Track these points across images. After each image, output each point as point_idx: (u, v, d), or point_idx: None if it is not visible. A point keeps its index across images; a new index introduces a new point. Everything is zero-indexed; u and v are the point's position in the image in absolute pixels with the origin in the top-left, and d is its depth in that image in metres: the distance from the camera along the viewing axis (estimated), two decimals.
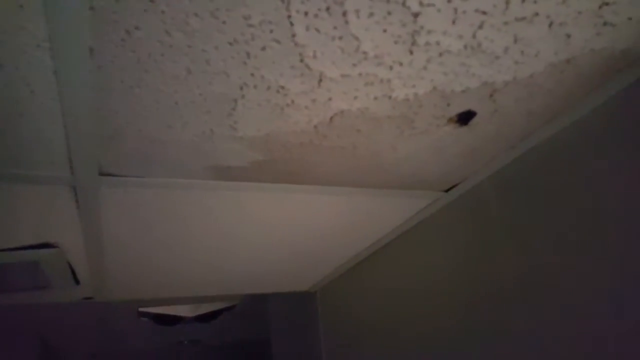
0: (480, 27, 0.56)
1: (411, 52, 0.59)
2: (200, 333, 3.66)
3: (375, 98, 0.66)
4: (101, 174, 0.90)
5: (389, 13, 0.52)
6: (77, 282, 1.38)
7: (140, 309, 2.76)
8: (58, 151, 0.81)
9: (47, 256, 1.14)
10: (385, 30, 0.55)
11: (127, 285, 1.57)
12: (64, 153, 0.82)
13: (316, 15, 0.52)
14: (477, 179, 1.13)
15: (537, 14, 0.56)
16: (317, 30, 0.54)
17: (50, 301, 1.61)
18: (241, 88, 0.63)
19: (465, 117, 0.76)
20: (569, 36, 0.61)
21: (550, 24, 0.58)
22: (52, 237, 1.10)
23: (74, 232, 1.09)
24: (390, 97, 0.67)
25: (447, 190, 1.19)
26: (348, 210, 1.23)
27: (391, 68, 0.61)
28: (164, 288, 1.68)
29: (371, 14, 0.52)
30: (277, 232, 1.34)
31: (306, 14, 0.52)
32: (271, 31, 0.54)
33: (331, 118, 0.71)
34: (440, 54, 0.60)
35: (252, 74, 0.60)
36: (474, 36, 0.57)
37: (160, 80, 0.63)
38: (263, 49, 0.56)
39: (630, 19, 0.61)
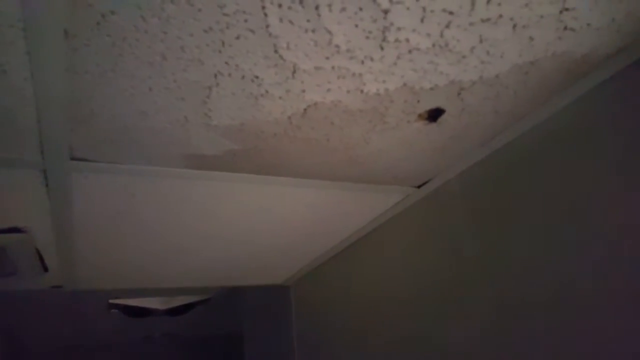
0: (447, 26, 0.58)
1: (382, 48, 0.61)
2: (172, 326, 3.63)
3: (348, 91, 0.68)
4: (73, 158, 0.90)
5: (360, 9, 0.54)
6: (45, 269, 1.36)
7: (111, 301, 2.72)
8: (29, 134, 0.80)
9: (15, 241, 1.12)
10: (356, 25, 0.57)
11: (97, 274, 1.55)
12: (35, 136, 0.81)
13: (290, 8, 0.53)
14: (447, 176, 1.17)
15: (501, 16, 0.58)
16: (291, 22, 0.55)
17: (18, 289, 1.58)
18: (215, 76, 0.64)
19: (434, 114, 0.79)
20: (532, 39, 0.65)
21: (514, 26, 0.61)
22: (21, 221, 1.08)
23: (43, 217, 1.08)
24: (362, 91, 0.69)
25: (419, 186, 1.22)
26: (322, 204, 1.25)
27: (363, 62, 0.63)
28: (136, 279, 1.67)
29: (343, 9, 0.54)
30: (250, 224, 1.35)
31: (280, 5, 0.53)
32: (245, 21, 0.55)
33: (305, 110, 0.72)
34: (410, 51, 0.62)
35: (227, 63, 0.62)
36: (441, 35, 0.60)
37: (135, 65, 0.63)
38: (237, 37, 0.57)
39: (589, 24, 0.65)
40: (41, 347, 3.63)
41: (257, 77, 0.64)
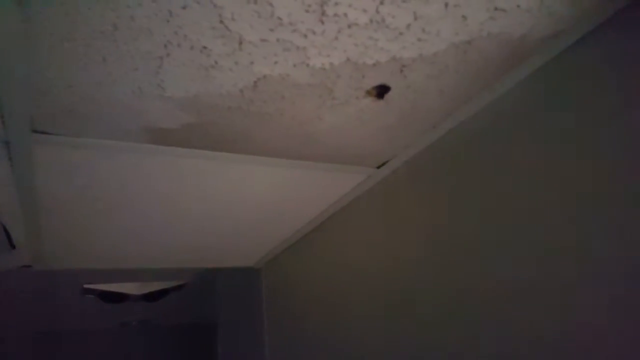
0: (382, 2, 0.62)
1: (322, 22, 0.65)
2: (148, 314, 3.64)
3: (294, 65, 0.72)
4: (34, 130, 0.92)
5: None
6: (12, 246, 1.37)
7: (86, 286, 2.73)
8: None
9: None
10: None
11: (67, 253, 1.57)
12: None
13: None
14: (404, 158, 1.21)
15: None
16: None
17: None
18: (165, 46, 0.67)
19: (381, 91, 0.83)
20: (465, 17, 0.69)
21: (446, 5, 0.66)
22: None
23: (7, 190, 1.09)
24: (308, 65, 0.73)
25: (379, 167, 1.27)
26: (285, 184, 1.29)
27: (305, 36, 0.66)
28: (105, 258, 1.69)
29: None
30: (217, 204, 1.38)
31: None
32: None
33: (255, 82, 0.76)
34: (349, 26, 0.66)
35: (176, 33, 0.65)
36: (377, 11, 0.64)
37: (88, 34, 0.66)
38: (184, 7, 0.61)
39: (518, 6, 0.70)
40: (16, 336, 3.60)
41: (205, 47, 0.67)
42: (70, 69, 0.73)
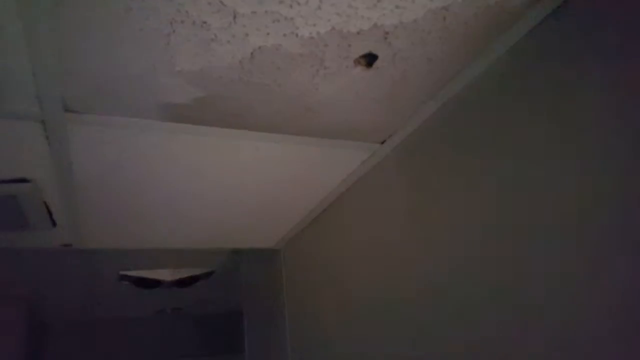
0: None
1: None
2: (181, 302, 3.81)
3: (284, 35, 0.81)
4: (66, 110, 1.04)
5: None
6: (53, 223, 1.52)
7: (122, 272, 2.90)
8: (26, 86, 0.94)
9: (24, 192, 1.28)
10: None
11: (103, 231, 1.71)
12: (32, 88, 0.96)
13: None
14: (406, 132, 1.28)
15: None
16: None
17: (31, 246, 1.75)
18: (171, 24, 0.77)
19: (369, 60, 0.91)
20: None
21: None
22: (27, 172, 1.24)
23: (46, 167, 1.23)
24: (297, 35, 0.81)
25: (382, 143, 1.34)
26: (294, 161, 1.37)
27: (291, 6, 0.75)
28: (138, 238, 1.82)
29: None
30: (233, 183, 1.48)
31: None
32: None
33: (252, 54, 0.85)
34: None
35: (178, 10, 0.75)
36: None
37: (106, 17, 0.77)
38: None
39: None
40: (59, 324, 3.84)
41: (205, 22, 0.77)
42: (92, 50, 0.84)
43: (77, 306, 3.47)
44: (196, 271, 3.04)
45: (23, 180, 1.26)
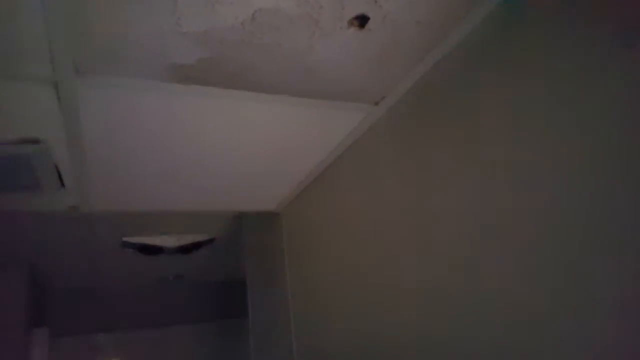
0: None
1: None
2: (183, 269, 3.93)
3: None
4: (77, 72, 1.11)
5: None
6: (62, 184, 1.60)
7: (125, 239, 3.00)
8: (40, 49, 1.01)
9: (36, 152, 1.35)
10: None
11: (109, 193, 1.80)
12: (46, 51, 1.02)
13: None
14: (399, 93, 1.34)
15: None
16: None
17: (38, 210, 1.84)
18: None
19: (361, 21, 0.97)
20: None
21: None
22: (38, 132, 1.31)
23: (57, 128, 1.30)
24: None
25: (376, 104, 1.41)
26: (292, 122, 1.44)
27: None
28: (142, 200, 1.91)
29: None
30: (236, 144, 1.55)
31: None
32: None
33: (253, 15, 0.92)
34: None
35: None
36: None
37: None
38: None
39: None
40: (60, 290, 3.95)
41: None
42: (101, 11, 0.90)
43: (79, 273, 3.58)
44: (198, 238, 3.14)
45: (35, 141, 1.33)
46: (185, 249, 3.28)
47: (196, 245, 3.27)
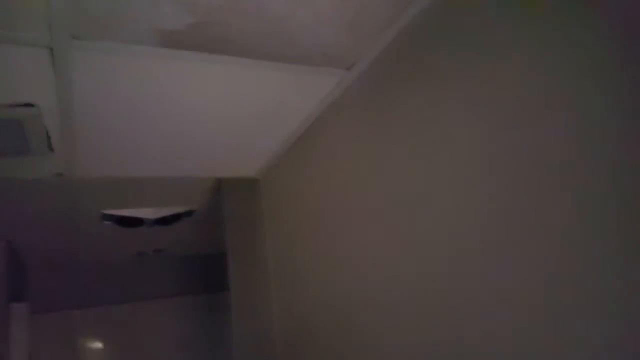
0: None
1: None
2: (162, 243, 4.01)
3: None
4: (73, 37, 1.19)
5: None
6: (51, 149, 1.67)
7: (104, 211, 3.06)
8: (39, 13, 1.08)
9: (28, 115, 1.43)
10: None
11: (94, 160, 1.88)
12: (45, 15, 1.10)
13: None
14: (370, 57, 1.45)
15: None
16: None
17: (25, 176, 1.90)
18: None
19: None
20: None
21: None
22: (32, 97, 1.38)
23: (50, 93, 1.38)
24: None
25: (348, 69, 1.54)
26: (271, 87, 1.56)
27: None
28: (126, 165, 1.99)
29: None
30: (217, 110, 1.66)
31: None
32: None
33: None
34: None
35: None
36: None
37: None
38: None
39: None
40: (39, 260, 3.95)
41: None
42: None
43: (59, 248, 3.61)
44: (178, 210, 3.23)
45: (29, 105, 1.40)
46: (164, 221, 3.35)
47: (175, 217, 3.36)
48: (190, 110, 1.64)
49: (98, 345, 4.37)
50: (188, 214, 3.35)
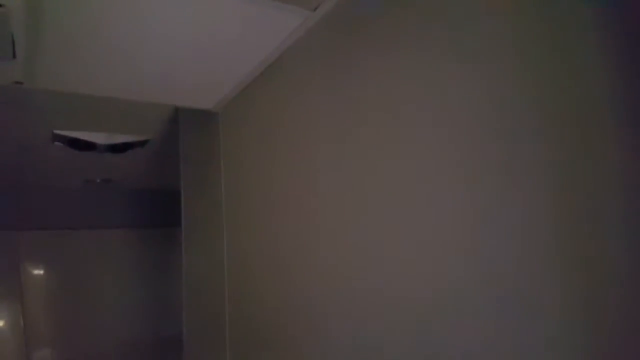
0: None
1: None
2: (112, 172, 4.01)
3: None
4: None
5: None
6: (14, 55, 1.69)
7: (56, 132, 3.03)
8: None
9: None
10: None
11: (54, 69, 1.89)
12: None
13: None
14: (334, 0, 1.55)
15: None
16: None
17: None
18: None
19: None
20: None
21: None
22: None
23: None
24: None
25: (314, 10, 1.64)
26: (235, 18, 1.59)
27: None
28: (84, 81, 2.02)
29: None
30: (181, 36, 1.71)
31: None
32: None
33: None
34: None
35: None
36: None
37: None
38: None
39: None
40: None
41: None
42: None
43: (6, 166, 3.55)
44: (131, 138, 3.25)
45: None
46: (116, 148, 3.37)
47: (129, 145, 3.38)
48: (155, 34, 1.69)
49: (40, 269, 4.39)
50: (142, 143, 3.38)
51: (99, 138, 3.17)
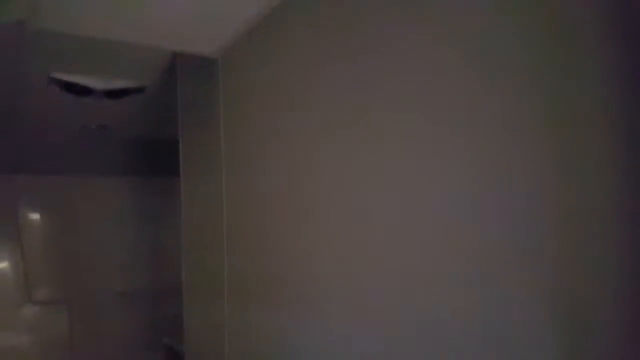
0: None
1: None
2: (108, 118, 3.93)
3: None
4: None
5: None
6: None
7: (52, 75, 2.95)
8: None
9: None
10: None
11: (58, 9, 1.81)
12: None
13: None
14: None
15: None
16: None
17: None
18: None
19: None
20: None
21: None
22: None
23: None
24: None
25: None
26: None
27: None
28: (88, 24, 1.94)
29: None
30: None
31: None
32: None
33: None
34: None
35: None
36: None
37: None
38: None
39: None
40: None
41: None
42: None
43: (1, 108, 3.48)
44: (128, 83, 3.17)
45: None
46: (113, 94, 3.29)
47: (125, 92, 3.30)
48: None
49: (38, 214, 4.41)
50: (139, 90, 3.30)
51: (95, 83, 3.09)
